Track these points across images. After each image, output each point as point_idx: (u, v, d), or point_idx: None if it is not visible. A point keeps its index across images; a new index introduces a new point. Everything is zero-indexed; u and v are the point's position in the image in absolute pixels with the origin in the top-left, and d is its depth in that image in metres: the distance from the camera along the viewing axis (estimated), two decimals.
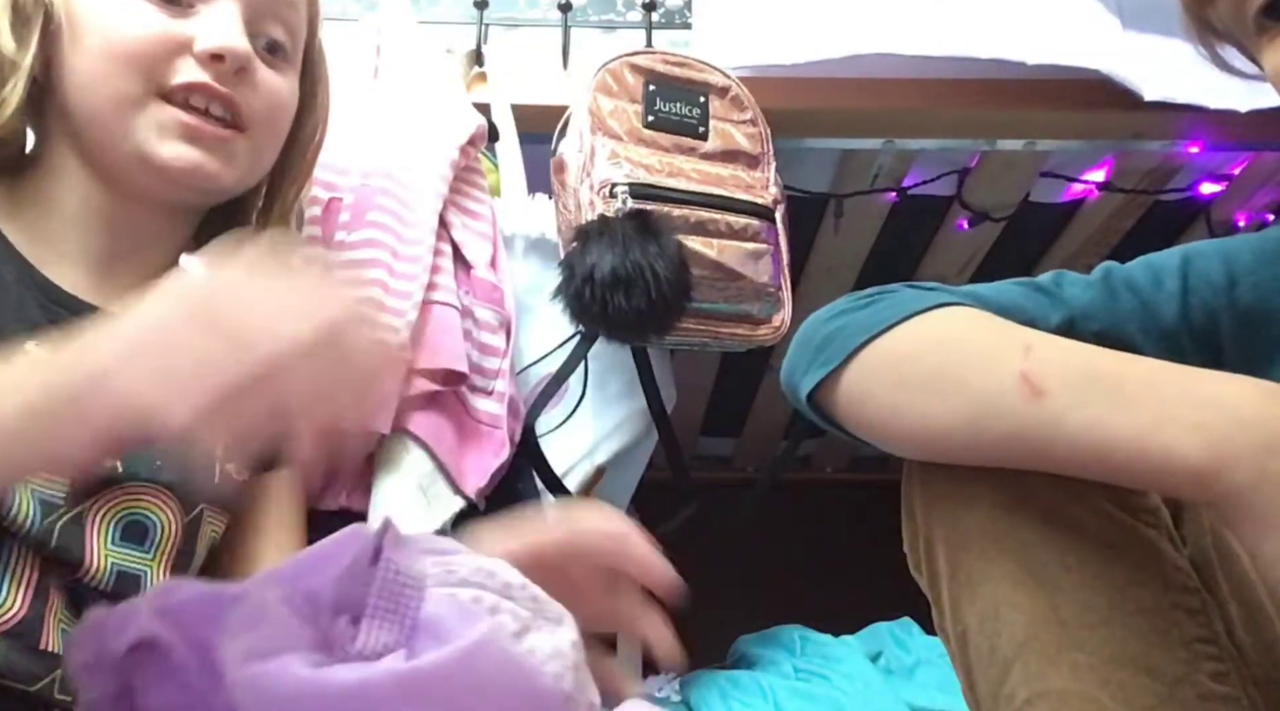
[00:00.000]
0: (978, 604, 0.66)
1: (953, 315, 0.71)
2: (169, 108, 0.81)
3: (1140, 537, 0.65)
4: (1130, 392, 0.61)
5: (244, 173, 0.87)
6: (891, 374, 0.70)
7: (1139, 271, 0.80)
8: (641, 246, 1.13)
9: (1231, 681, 0.62)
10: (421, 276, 1.06)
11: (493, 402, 1.08)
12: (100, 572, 0.77)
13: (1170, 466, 0.59)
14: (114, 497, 0.79)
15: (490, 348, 1.10)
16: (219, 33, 0.82)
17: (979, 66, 1.39)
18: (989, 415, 0.64)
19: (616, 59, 1.28)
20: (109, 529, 0.79)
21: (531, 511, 1.13)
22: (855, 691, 1.26)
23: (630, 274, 1.12)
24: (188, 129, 0.81)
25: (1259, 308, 0.76)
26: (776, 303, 1.29)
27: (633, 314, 1.12)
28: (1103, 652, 0.62)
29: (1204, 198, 1.69)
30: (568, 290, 1.15)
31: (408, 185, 1.12)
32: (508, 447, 1.08)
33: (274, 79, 0.87)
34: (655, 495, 1.45)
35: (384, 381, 0.99)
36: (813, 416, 0.75)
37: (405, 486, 1.00)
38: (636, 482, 1.40)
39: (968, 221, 1.73)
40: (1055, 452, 0.62)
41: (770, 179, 1.31)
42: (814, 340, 0.74)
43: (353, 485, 1.01)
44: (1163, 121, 1.44)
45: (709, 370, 2.24)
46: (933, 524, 0.69)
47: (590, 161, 1.22)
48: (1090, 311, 0.77)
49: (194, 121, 0.82)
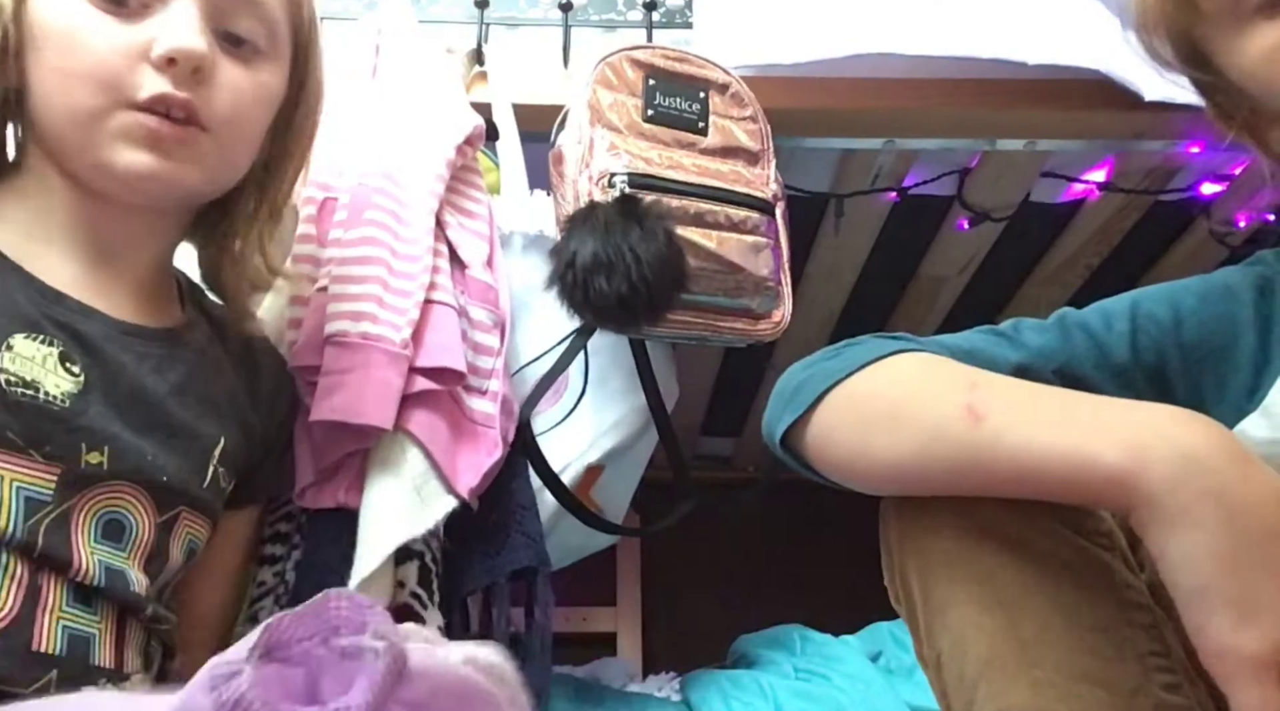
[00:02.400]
0: (948, 629, 0.69)
1: (909, 359, 0.76)
2: (129, 113, 0.81)
3: (1093, 558, 0.68)
4: (1064, 414, 0.66)
5: (212, 172, 0.86)
6: (852, 414, 0.74)
7: (1091, 315, 0.84)
8: (623, 230, 1.12)
9: (1184, 692, 0.65)
10: (422, 276, 1.06)
11: (486, 402, 1.08)
12: (90, 571, 0.78)
13: (1094, 473, 0.62)
14: (97, 494, 0.80)
15: (484, 347, 1.11)
16: (170, 35, 0.81)
17: (979, 66, 1.39)
18: (936, 442, 0.69)
19: (616, 53, 1.28)
20: (91, 526, 0.79)
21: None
22: (855, 691, 1.26)
23: (610, 258, 1.11)
24: (148, 134, 0.81)
25: (1203, 345, 0.80)
26: (776, 297, 1.28)
27: (614, 297, 1.11)
28: (1061, 668, 0.64)
29: (1205, 198, 1.69)
30: (554, 276, 1.15)
31: (404, 185, 1.12)
32: (501, 447, 1.08)
33: (238, 75, 0.85)
34: (656, 494, 1.45)
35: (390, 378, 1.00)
36: (788, 461, 0.80)
37: (400, 485, 1.00)
38: (637, 482, 1.40)
39: (968, 221, 1.73)
40: (996, 471, 0.66)
41: (770, 176, 1.31)
42: (787, 390, 0.79)
43: (350, 483, 1.01)
44: (1163, 121, 1.44)
45: (709, 370, 2.24)
46: (906, 554, 0.73)
47: (589, 152, 1.21)
48: (1046, 352, 0.81)
49: (153, 123, 0.81)
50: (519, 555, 1.08)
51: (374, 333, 1.00)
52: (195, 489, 0.87)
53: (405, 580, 1.01)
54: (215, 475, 0.89)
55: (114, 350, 0.83)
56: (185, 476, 0.86)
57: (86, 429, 0.79)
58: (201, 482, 0.87)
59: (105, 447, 0.79)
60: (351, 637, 0.53)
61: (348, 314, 1.01)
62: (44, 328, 0.79)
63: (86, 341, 0.81)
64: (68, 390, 0.78)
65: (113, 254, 0.86)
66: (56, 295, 0.81)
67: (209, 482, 0.88)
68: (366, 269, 1.04)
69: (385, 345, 1.00)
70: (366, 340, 1.00)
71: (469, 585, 1.08)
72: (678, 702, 1.35)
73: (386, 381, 0.99)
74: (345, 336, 1.00)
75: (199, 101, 0.82)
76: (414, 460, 1.01)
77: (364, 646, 0.52)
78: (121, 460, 0.80)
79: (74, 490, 0.78)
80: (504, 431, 1.10)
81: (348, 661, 0.53)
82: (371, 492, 0.99)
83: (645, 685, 1.65)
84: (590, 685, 1.45)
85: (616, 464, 1.32)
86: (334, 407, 0.98)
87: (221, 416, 0.91)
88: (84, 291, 0.83)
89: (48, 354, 0.78)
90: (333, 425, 0.98)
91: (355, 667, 0.52)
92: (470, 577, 1.08)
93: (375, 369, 0.99)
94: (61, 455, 0.77)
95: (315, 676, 0.53)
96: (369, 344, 1.00)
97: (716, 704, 1.27)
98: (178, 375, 0.87)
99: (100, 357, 0.81)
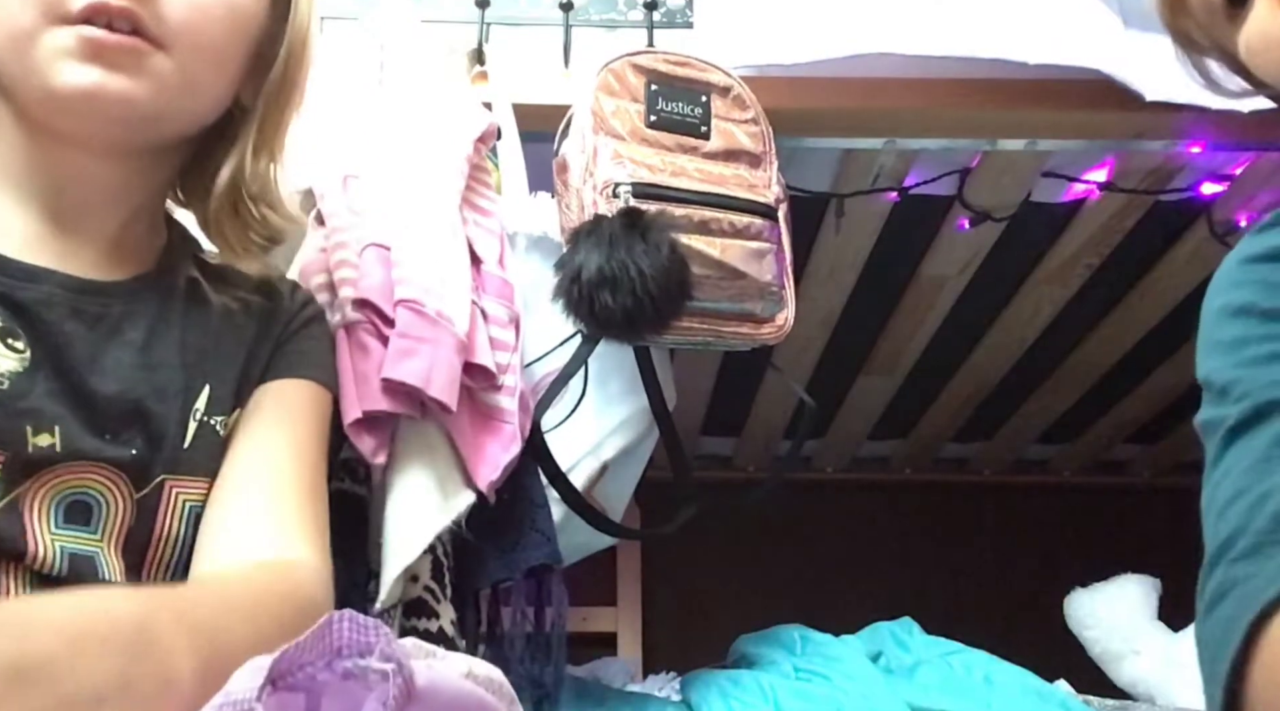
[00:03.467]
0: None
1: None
2: (65, 28, 0.73)
3: None
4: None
5: (173, 94, 0.77)
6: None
7: None
8: (628, 244, 1.13)
9: None
10: (466, 276, 1.05)
11: (504, 397, 1.08)
12: (50, 558, 0.73)
13: None
14: (52, 478, 0.74)
15: (501, 343, 1.10)
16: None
17: (980, 66, 1.39)
18: None
19: (619, 59, 1.28)
20: (49, 511, 0.74)
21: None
22: (855, 691, 1.26)
23: (615, 272, 1.12)
24: (86, 45, 0.72)
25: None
26: (779, 301, 1.29)
27: (619, 312, 1.12)
28: None
29: (1205, 198, 1.69)
30: (559, 290, 1.15)
31: (426, 181, 1.11)
32: (518, 442, 1.08)
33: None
34: (656, 494, 1.45)
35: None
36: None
37: (427, 477, 0.99)
38: (637, 482, 1.40)
39: (969, 221, 1.73)
40: None
41: (773, 178, 1.31)
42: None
43: (383, 442, 0.98)
44: (1164, 121, 1.44)
45: (709, 370, 2.24)
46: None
47: (593, 161, 1.22)
48: None
49: (92, 33, 0.72)
50: (534, 552, 1.08)
51: (447, 313, 0.99)
52: (174, 453, 0.80)
53: (419, 573, 1.01)
54: (202, 428, 0.82)
55: (61, 317, 0.76)
56: (160, 443, 0.79)
57: (32, 410, 0.73)
58: (183, 442, 0.80)
59: (55, 428, 0.73)
60: (354, 659, 0.53)
61: (419, 284, 0.99)
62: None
63: (29, 313, 0.74)
64: (10, 369, 0.72)
65: (76, 207, 0.79)
66: (8, 263, 0.75)
67: (192, 440, 0.81)
68: (425, 246, 1.02)
69: (456, 330, 1.00)
70: (441, 318, 0.99)
71: (483, 581, 1.07)
72: (678, 702, 1.35)
73: (453, 365, 0.98)
74: (420, 305, 0.98)
75: (143, 11, 0.74)
76: (442, 451, 1.00)
77: (369, 668, 0.52)
78: (77, 439, 0.74)
79: (24, 474, 0.72)
80: (521, 427, 1.09)
81: (349, 683, 0.53)
82: (398, 484, 0.98)
83: (645, 685, 1.65)
84: (590, 685, 1.45)
85: (619, 464, 1.32)
86: (412, 372, 0.95)
87: (206, 361, 0.84)
88: (40, 252, 0.77)
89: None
90: (392, 384, 0.95)
91: (358, 690, 0.52)
92: (484, 574, 1.08)
93: (445, 349, 0.98)
94: (3, 440, 0.71)
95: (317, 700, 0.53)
96: (443, 322, 0.99)
97: (716, 703, 1.27)
98: (141, 331, 0.80)
99: (45, 329, 0.75)
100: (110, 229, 0.82)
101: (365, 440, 0.96)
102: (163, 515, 0.79)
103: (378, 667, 0.52)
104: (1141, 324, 2.08)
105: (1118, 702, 1.50)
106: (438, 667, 0.55)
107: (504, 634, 1.07)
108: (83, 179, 0.79)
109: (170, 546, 0.80)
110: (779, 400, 2.40)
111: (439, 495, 0.99)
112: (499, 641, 1.08)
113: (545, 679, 1.09)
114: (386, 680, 0.51)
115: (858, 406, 2.48)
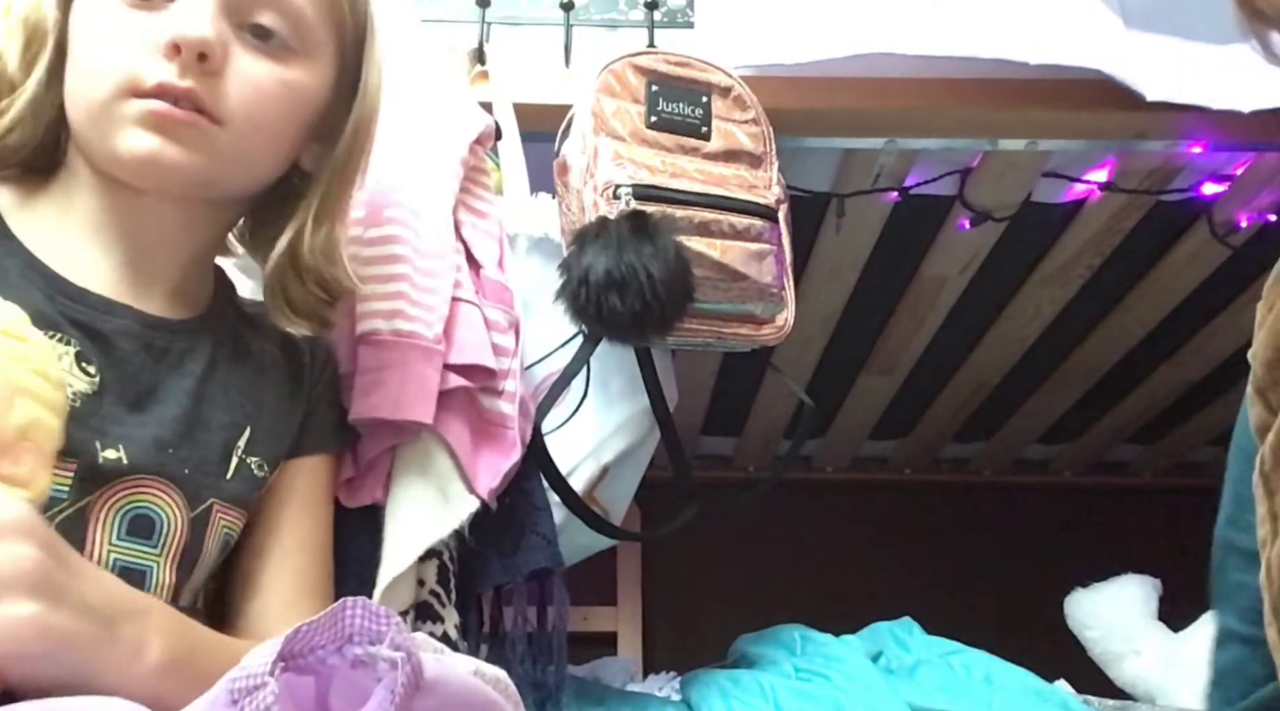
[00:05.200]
0: None
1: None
2: (136, 101, 0.80)
3: None
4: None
5: (225, 165, 0.84)
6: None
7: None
8: (636, 248, 1.13)
9: None
10: (448, 274, 1.06)
11: (504, 402, 1.08)
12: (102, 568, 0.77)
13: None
14: (119, 491, 0.80)
15: (501, 348, 1.10)
16: (177, 23, 0.80)
17: (981, 66, 1.39)
18: None
19: (619, 59, 1.28)
20: (114, 523, 0.79)
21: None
22: (855, 691, 1.26)
23: (624, 276, 1.12)
24: (150, 117, 0.80)
25: None
26: (780, 302, 1.29)
27: (627, 315, 1.12)
28: None
29: (1206, 198, 1.69)
30: (565, 292, 1.15)
31: (421, 183, 1.11)
32: (519, 447, 1.08)
33: (260, 69, 0.84)
34: (657, 494, 1.45)
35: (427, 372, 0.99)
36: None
37: (426, 485, 1.00)
38: (638, 482, 1.40)
39: (969, 221, 1.73)
40: None
41: (773, 178, 1.31)
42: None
43: (383, 480, 1.00)
44: (1165, 121, 1.44)
45: (709, 370, 2.24)
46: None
47: (594, 163, 1.22)
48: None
49: (156, 107, 0.80)
50: (536, 556, 1.08)
51: (406, 329, 1.00)
52: (220, 481, 0.86)
53: (425, 578, 1.01)
54: (241, 465, 0.88)
55: (134, 349, 0.83)
56: (208, 469, 0.86)
57: (101, 428, 0.79)
58: (226, 473, 0.87)
59: (120, 445, 0.79)
60: (365, 647, 0.53)
61: (379, 312, 1.00)
62: (61, 327, 0.80)
63: (104, 341, 0.82)
64: (81, 390, 0.79)
65: (147, 251, 0.87)
66: (80, 293, 0.82)
67: (234, 473, 0.87)
68: (393, 267, 1.03)
69: (418, 341, 1.00)
70: (400, 337, 0.99)
71: (485, 584, 1.08)
72: (678, 702, 1.35)
73: (424, 377, 0.99)
74: (378, 335, 0.99)
75: (204, 91, 0.81)
76: (440, 460, 1.01)
77: (379, 656, 0.53)
78: (141, 455, 0.80)
79: (93, 485, 0.78)
80: (522, 432, 1.10)
81: (357, 671, 0.53)
82: (398, 492, 0.99)
83: (645, 685, 1.65)
84: (590, 685, 1.45)
85: (621, 465, 1.32)
86: (374, 405, 0.97)
87: (248, 404, 0.90)
88: (115, 288, 0.84)
89: (63, 353, 0.79)
90: (371, 423, 0.98)
91: (367, 677, 0.53)
92: (487, 577, 1.08)
93: (412, 365, 0.99)
94: (76, 451, 0.76)
95: (325, 685, 0.53)
96: (403, 340, 0.99)
97: (716, 703, 1.27)
98: (200, 366, 0.87)
99: (118, 357, 0.82)
100: (175, 272, 0.89)
101: (363, 490, 1.00)
102: (208, 536, 0.86)
103: (387, 656, 0.52)
104: (1141, 324, 2.08)
105: (1118, 702, 1.51)
106: (446, 661, 0.56)
107: (506, 635, 1.07)
108: (149, 225, 0.86)
109: (205, 567, 0.87)
110: (779, 400, 2.40)
111: (439, 503, 1.00)
112: (501, 642, 1.08)
113: (547, 679, 1.09)
114: (395, 669, 0.52)
115: (858, 406, 2.48)
